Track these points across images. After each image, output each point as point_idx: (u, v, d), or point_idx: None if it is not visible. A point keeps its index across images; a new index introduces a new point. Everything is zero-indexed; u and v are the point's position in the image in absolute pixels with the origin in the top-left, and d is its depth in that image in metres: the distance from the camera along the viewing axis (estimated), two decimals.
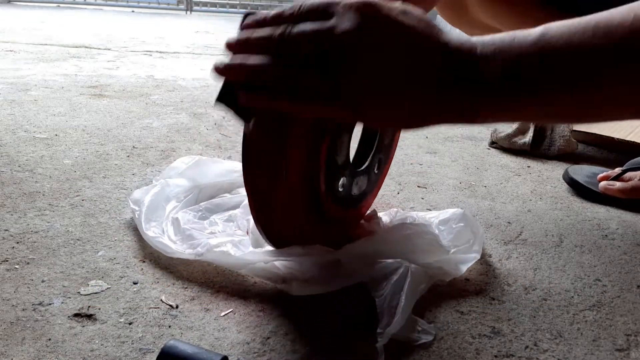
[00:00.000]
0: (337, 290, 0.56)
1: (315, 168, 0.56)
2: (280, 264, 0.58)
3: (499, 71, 0.38)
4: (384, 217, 0.70)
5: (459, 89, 0.39)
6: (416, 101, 0.40)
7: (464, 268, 0.60)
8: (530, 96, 0.39)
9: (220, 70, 0.44)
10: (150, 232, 0.64)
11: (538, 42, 0.38)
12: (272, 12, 0.43)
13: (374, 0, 0.40)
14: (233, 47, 0.44)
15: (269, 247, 0.59)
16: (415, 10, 0.41)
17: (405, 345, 0.50)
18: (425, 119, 0.42)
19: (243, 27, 0.45)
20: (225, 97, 0.46)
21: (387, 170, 0.75)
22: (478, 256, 0.62)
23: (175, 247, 0.61)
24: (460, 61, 0.39)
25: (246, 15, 0.46)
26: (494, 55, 0.39)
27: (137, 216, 0.66)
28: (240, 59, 0.43)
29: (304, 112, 0.46)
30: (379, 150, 0.68)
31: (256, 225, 0.56)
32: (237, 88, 0.45)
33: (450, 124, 0.42)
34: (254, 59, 0.42)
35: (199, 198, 0.74)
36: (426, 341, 0.50)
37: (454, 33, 0.41)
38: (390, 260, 0.57)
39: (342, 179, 0.61)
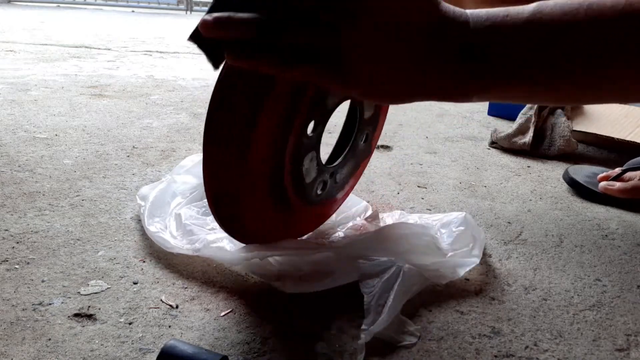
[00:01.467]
0: (332, 287, 0.56)
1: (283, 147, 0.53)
2: (274, 260, 0.58)
3: (489, 48, 0.39)
4: (387, 219, 0.70)
5: (451, 62, 0.39)
6: (412, 68, 0.40)
7: (461, 272, 0.59)
8: (520, 74, 0.39)
9: (207, 24, 0.38)
10: (153, 227, 0.64)
11: (531, 19, 0.38)
12: None
13: None
14: None
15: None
16: None
17: (404, 346, 0.50)
18: (417, 90, 0.41)
19: None
20: (198, 37, 0.41)
21: (357, 178, 0.70)
22: (477, 261, 0.61)
23: (174, 242, 0.61)
24: (454, 32, 0.39)
25: None
26: (485, 30, 0.39)
27: (142, 211, 0.67)
28: (228, 14, 0.38)
29: (292, 76, 0.43)
30: (351, 152, 0.64)
31: (210, 208, 0.54)
32: (224, 46, 0.40)
33: (440, 98, 0.42)
34: (243, 14, 0.38)
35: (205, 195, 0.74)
36: (410, 343, 0.50)
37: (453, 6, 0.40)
38: (383, 259, 0.56)
39: (307, 158, 0.57)
